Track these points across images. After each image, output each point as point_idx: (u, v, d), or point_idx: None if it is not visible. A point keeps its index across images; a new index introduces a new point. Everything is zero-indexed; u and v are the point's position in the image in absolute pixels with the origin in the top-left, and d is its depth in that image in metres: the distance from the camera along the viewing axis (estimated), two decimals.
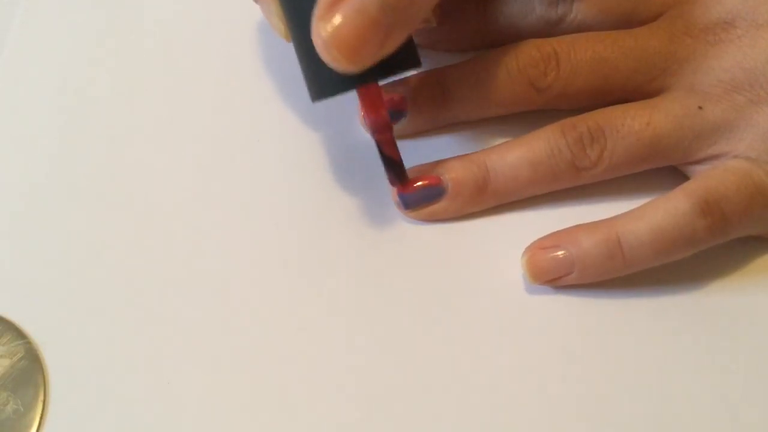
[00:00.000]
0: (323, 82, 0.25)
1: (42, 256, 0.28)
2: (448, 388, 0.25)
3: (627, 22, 0.29)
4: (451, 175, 0.27)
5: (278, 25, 0.26)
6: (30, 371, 0.26)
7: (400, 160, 0.27)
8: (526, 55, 0.27)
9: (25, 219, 0.29)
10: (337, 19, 0.23)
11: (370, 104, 0.26)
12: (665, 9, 0.28)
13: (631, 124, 0.27)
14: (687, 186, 0.26)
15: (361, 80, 0.25)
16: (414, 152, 0.28)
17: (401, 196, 0.28)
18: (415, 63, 0.26)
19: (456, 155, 0.28)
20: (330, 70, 0.24)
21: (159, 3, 0.33)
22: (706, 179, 0.26)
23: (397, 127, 0.29)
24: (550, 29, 0.29)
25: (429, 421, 0.25)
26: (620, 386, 0.25)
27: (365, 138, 0.30)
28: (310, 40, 0.24)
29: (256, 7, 0.28)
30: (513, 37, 0.29)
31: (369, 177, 0.29)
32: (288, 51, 0.27)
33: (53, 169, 0.30)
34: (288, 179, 0.29)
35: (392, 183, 0.27)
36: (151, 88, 0.31)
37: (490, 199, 0.28)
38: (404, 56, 0.25)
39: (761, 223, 0.26)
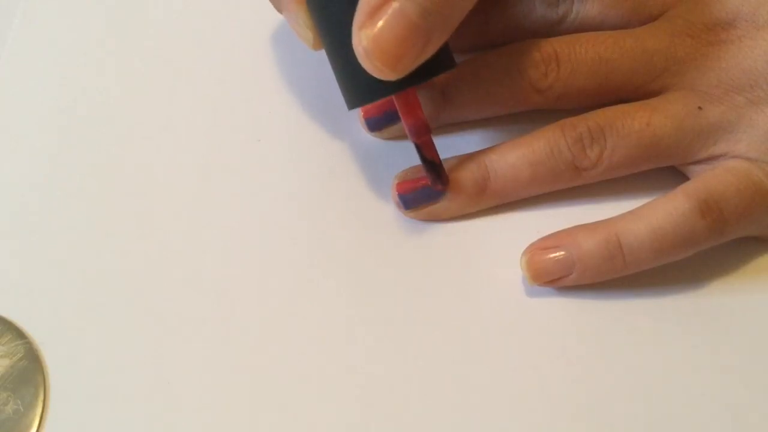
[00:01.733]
0: (361, 89, 0.25)
1: (42, 256, 0.28)
2: (448, 389, 0.25)
3: (627, 22, 0.29)
4: (451, 175, 0.27)
5: (306, 34, 0.26)
6: (30, 371, 0.26)
7: (440, 162, 0.27)
8: (527, 56, 0.27)
9: (25, 219, 0.29)
10: (378, 27, 0.22)
11: (407, 108, 0.26)
12: (666, 9, 0.28)
13: (631, 124, 0.27)
14: (686, 186, 0.26)
15: (400, 86, 0.24)
16: (414, 152, 0.28)
17: (401, 196, 0.28)
18: (451, 64, 0.26)
19: (456, 155, 0.28)
20: (366, 77, 0.24)
21: (159, 3, 0.33)
22: (705, 180, 0.26)
23: (397, 127, 0.29)
24: (551, 29, 0.29)
25: (429, 420, 0.25)
26: (620, 387, 0.25)
27: (365, 138, 0.30)
28: (346, 48, 0.23)
29: (257, 7, 0.28)
30: (513, 36, 0.29)
31: (369, 177, 0.29)
32: (288, 50, 0.27)
33: (53, 169, 0.30)
34: (288, 179, 0.29)
35: (434, 185, 0.27)
36: (152, 88, 0.31)
37: (490, 199, 0.28)
38: (441, 59, 0.25)
39: (760, 223, 0.26)
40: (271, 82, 0.31)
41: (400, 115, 0.26)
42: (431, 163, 0.27)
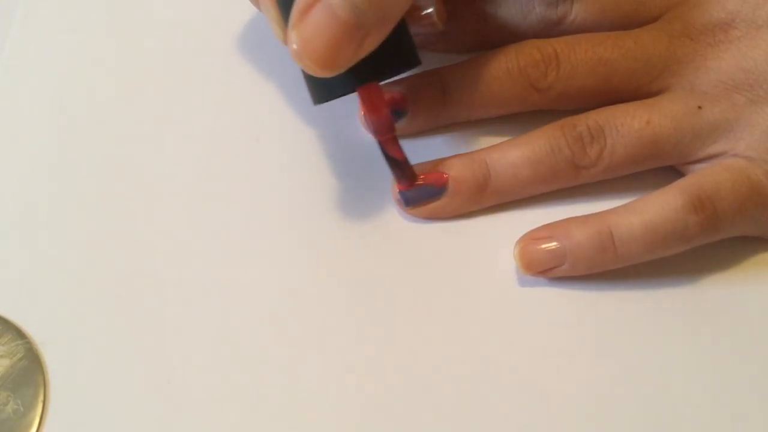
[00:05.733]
0: (322, 85, 0.25)
1: (42, 256, 0.28)
2: (447, 386, 0.25)
3: (627, 23, 0.29)
4: (452, 173, 0.27)
5: (278, 31, 0.26)
6: (30, 371, 0.26)
7: (405, 160, 0.27)
8: (527, 56, 0.28)
9: (25, 219, 0.29)
10: (307, 27, 0.22)
11: (371, 105, 0.26)
12: (665, 10, 0.28)
13: (630, 123, 0.27)
14: (681, 182, 0.26)
15: (359, 82, 0.24)
16: (414, 152, 0.28)
17: (402, 193, 0.28)
18: (415, 62, 0.26)
19: (456, 155, 0.28)
20: None
21: (159, 3, 0.33)
22: (700, 176, 0.26)
23: (398, 126, 0.29)
24: (550, 30, 0.29)
25: (428, 417, 0.25)
26: (617, 384, 0.25)
27: (365, 137, 0.30)
28: None
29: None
30: (513, 37, 0.29)
31: (369, 175, 0.29)
32: (288, 50, 0.27)
33: (53, 169, 0.29)
34: (288, 178, 0.29)
35: (399, 184, 0.27)
36: (151, 88, 0.31)
37: (491, 197, 0.28)
38: (402, 55, 0.25)
39: (756, 222, 0.26)
40: (270, 81, 0.31)
41: (363, 110, 0.26)
42: (395, 161, 0.27)
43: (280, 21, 0.25)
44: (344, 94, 0.26)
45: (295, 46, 0.23)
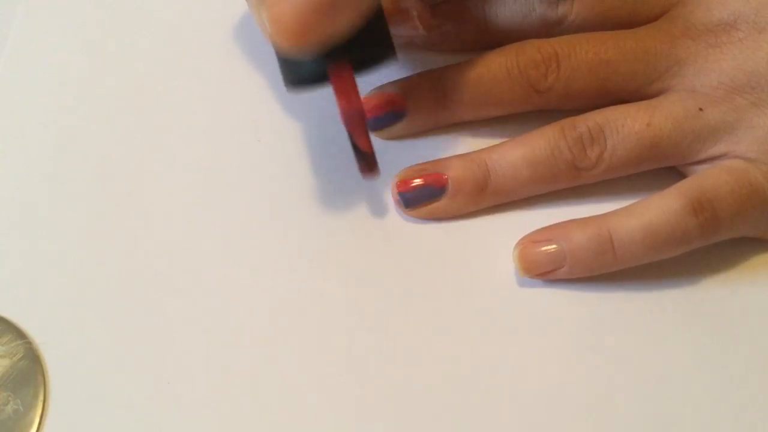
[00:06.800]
0: (294, 67, 0.25)
1: (42, 256, 0.28)
2: (447, 386, 0.25)
3: (628, 23, 0.29)
4: (451, 174, 0.27)
5: (256, 16, 0.25)
6: (30, 371, 0.26)
7: (372, 151, 0.26)
8: (527, 56, 0.27)
9: (24, 219, 0.29)
10: (277, 4, 0.22)
11: (341, 90, 0.25)
12: (666, 10, 0.28)
13: (631, 125, 0.27)
14: (681, 184, 0.26)
15: (330, 61, 0.24)
16: (414, 152, 0.29)
17: (401, 194, 0.28)
18: (390, 53, 0.25)
19: (456, 155, 0.28)
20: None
21: (159, 3, 0.33)
22: (700, 178, 0.26)
23: (397, 128, 0.29)
24: (550, 30, 0.29)
25: (428, 417, 0.25)
26: (616, 384, 0.25)
27: None
28: None
29: None
30: (513, 37, 0.29)
31: None
32: None
33: (53, 169, 0.29)
34: (288, 178, 0.29)
35: (363, 174, 0.27)
36: (151, 88, 0.31)
37: (490, 198, 0.28)
38: (376, 42, 0.25)
39: (756, 224, 0.26)
40: (271, 81, 0.31)
41: (335, 96, 0.25)
42: (361, 152, 0.26)
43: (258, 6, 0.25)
44: (315, 76, 0.25)
45: (265, 23, 0.22)
